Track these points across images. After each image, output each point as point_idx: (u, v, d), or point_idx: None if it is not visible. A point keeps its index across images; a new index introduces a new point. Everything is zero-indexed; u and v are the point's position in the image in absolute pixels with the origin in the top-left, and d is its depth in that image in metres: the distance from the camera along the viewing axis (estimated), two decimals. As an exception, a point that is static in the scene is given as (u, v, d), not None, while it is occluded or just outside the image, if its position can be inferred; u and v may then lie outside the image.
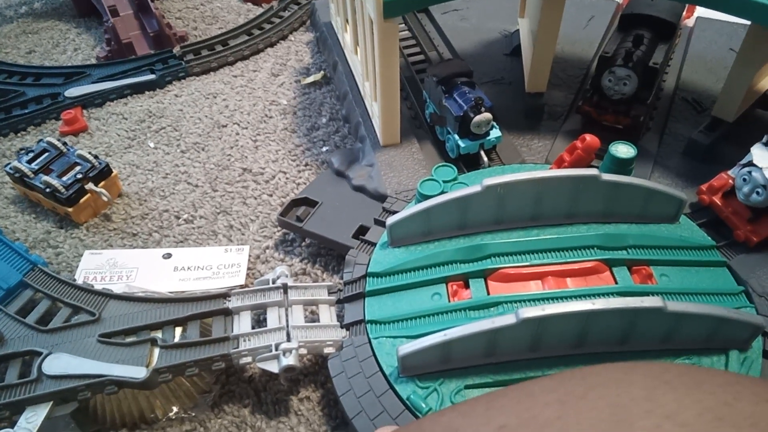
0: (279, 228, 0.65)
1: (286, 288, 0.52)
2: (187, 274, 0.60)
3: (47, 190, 0.65)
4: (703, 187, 0.56)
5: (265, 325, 0.50)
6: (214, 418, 0.50)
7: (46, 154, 0.69)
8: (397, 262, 0.52)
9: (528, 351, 0.44)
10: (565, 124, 0.72)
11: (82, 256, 0.62)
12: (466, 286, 0.50)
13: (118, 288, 0.55)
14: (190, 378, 0.49)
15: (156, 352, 0.48)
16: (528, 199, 0.52)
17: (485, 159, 0.63)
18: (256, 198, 0.69)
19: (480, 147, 0.63)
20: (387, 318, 0.49)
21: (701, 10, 0.88)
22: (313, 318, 0.54)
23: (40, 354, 0.47)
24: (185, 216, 0.68)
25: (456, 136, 0.62)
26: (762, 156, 0.51)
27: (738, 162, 0.53)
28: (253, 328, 0.50)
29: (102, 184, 0.68)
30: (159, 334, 0.49)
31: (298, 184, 0.71)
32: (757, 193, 0.50)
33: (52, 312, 0.53)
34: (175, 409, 0.50)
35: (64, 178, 0.66)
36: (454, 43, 0.82)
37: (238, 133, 0.79)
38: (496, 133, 0.63)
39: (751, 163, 0.51)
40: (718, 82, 0.73)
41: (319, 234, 0.59)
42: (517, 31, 0.85)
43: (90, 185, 0.66)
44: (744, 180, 0.51)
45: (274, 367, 0.47)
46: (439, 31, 0.84)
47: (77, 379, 0.45)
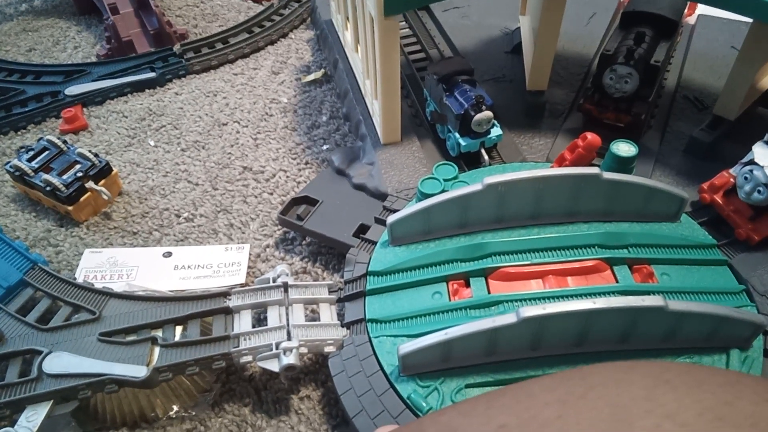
0: (279, 226, 0.65)
1: (286, 287, 0.52)
2: (188, 273, 0.60)
3: (47, 189, 0.65)
4: (705, 185, 0.56)
5: (266, 324, 0.50)
6: (214, 416, 0.50)
7: (47, 153, 0.69)
8: (398, 260, 0.52)
9: (529, 350, 0.44)
10: (566, 122, 0.71)
11: (82, 254, 0.62)
12: (467, 285, 0.50)
13: (118, 287, 0.55)
14: (191, 377, 0.49)
15: (156, 350, 0.48)
16: (529, 198, 0.52)
17: (486, 157, 0.63)
18: (256, 196, 0.69)
19: (481, 145, 0.63)
20: (387, 317, 0.48)
21: (703, 8, 0.87)
22: (313, 317, 0.54)
23: (41, 353, 0.47)
24: (185, 214, 0.68)
25: (457, 135, 0.62)
26: (763, 154, 0.50)
27: (739, 160, 0.53)
28: (253, 326, 0.50)
29: (102, 182, 0.68)
30: (159, 333, 0.49)
31: (299, 183, 0.71)
32: (759, 191, 0.50)
33: (52, 311, 0.53)
34: (175, 407, 0.50)
35: (65, 177, 0.66)
36: (455, 40, 0.81)
37: (238, 132, 0.79)
38: (496, 131, 0.63)
39: (752, 162, 0.51)
40: (720, 80, 0.73)
41: (320, 232, 0.59)
42: (518, 28, 0.85)
43: (90, 184, 0.66)
44: (745, 178, 0.51)
45: (274, 365, 0.47)
46: (440, 29, 0.84)
47: (77, 378, 0.46)
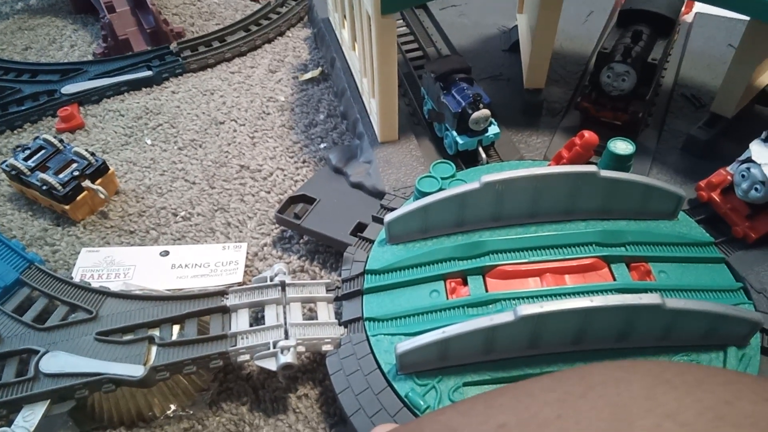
0: (277, 225, 0.65)
1: (284, 285, 0.52)
2: (185, 272, 0.60)
3: (44, 188, 0.65)
4: (702, 183, 0.56)
5: (263, 323, 0.50)
6: (212, 415, 0.49)
7: (43, 152, 0.69)
8: (396, 259, 0.52)
9: (526, 348, 0.44)
10: (564, 120, 0.71)
11: (79, 253, 0.62)
12: (465, 284, 0.50)
13: (115, 286, 0.54)
14: (188, 376, 0.49)
15: (153, 350, 0.47)
16: (526, 196, 0.52)
17: (483, 156, 0.63)
18: (253, 195, 0.69)
19: (478, 143, 0.63)
20: (385, 315, 0.48)
21: (700, 6, 0.88)
22: (311, 315, 0.54)
23: (37, 352, 0.47)
24: (183, 213, 0.67)
25: (454, 133, 0.62)
26: (761, 152, 0.51)
27: (737, 158, 0.53)
28: (251, 325, 0.50)
29: (99, 181, 0.67)
30: (156, 332, 0.49)
31: (296, 181, 0.71)
32: (756, 189, 0.50)
33: (49, 310, 0.53)
34: (173, 407, 0.49)
35: (61, 176, 0.66)
36: (452, 39, 0.81)
37: (235, 130, 0.79)
38: (494, 129, 0.63)
39: (749, 160, 0.51)
40: (717, 78, 0.73)
41: (317, 231, 0.59)
42: (516, 26, 0.85)
43: (87, 182, 0.66)
44: (743, 176, 0.51)
45: (272, 364, 0.47)
46: (437, 27, 0.84)
47: (75, 378, 0.45)
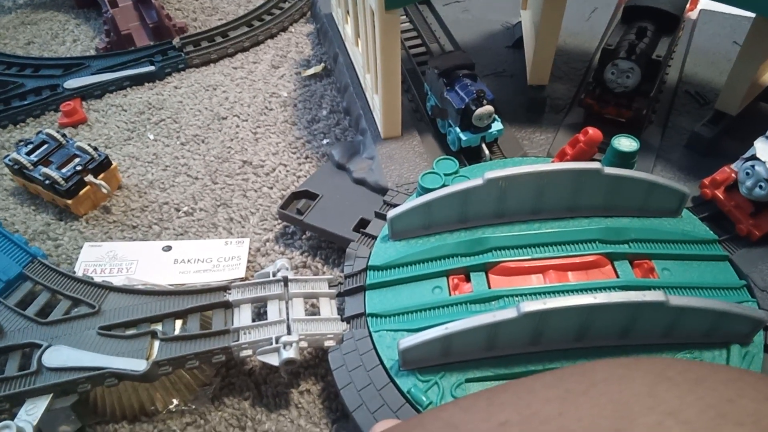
0: (279, 221, 0.65)
1: (286, 281, 0.52)
2: (187, 267, 0.60)
3: (46, 182, 0.65)
4: (706, 180, 0.55)
5: (266, 318, 0.50)
6: (214, 410, 0.50)
7: (45, 146, 0.69)
8: (398, 255, 0.52)
9: (529, 345, 0.44)
10: (568, 117, 0.71)
11: (81, 248, 0.62)
12: (467, 280, 0.50)
13: (117, 280, 0.54)
14: (191, 371, 0.49)
15: (156, 344, 0.48)
16: (530, 193, 0.52)
17: (487, 152, 0.63)
18: (256, 190, 0.69)
19: (481, 140, 0.63)
20: (388, 311, 0.48)
21: (705, 3, 0.87)
22: (313, 311, 0.54)
23: (40, 346, 0.47)
24: (185, 208, 0.67)
25: (457, 129, 0.62)
26: (765, 150, 0.50)
27: (741, 156, 0.53)
28: (253, 320, 0.50)
29: (101, 176, 0.68)
30: (159, 327, 0.49)
31: (299, 177, 0.71)
32: (760, 187, 0.50)
33: (51, 304, 0.53)
34: (175, 401, 0.50)
35: (64, 170, 0.66)
36: (456, 35, 0.81)
37: (238, 126, 0.79)
38: (497, 126, 0.63)
39: (754, 157, 0.51)
40: (722, 75, 0.73)
41: (320, 227, 0.59)
42: (519, 23, 0.85)
43: (89, 177, 0.66)
44: (747, 174, 0.51)
45: (274, 360, 0.47)
46: (441, 23, 0.84)
47: (77, 372, 0.45)
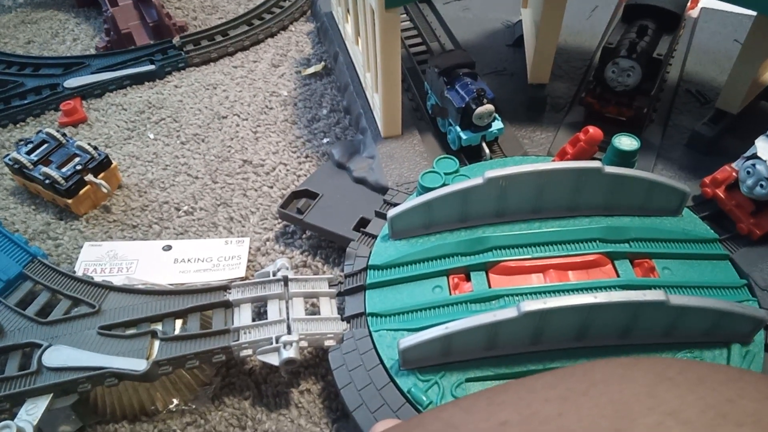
0: (279, 220, 0.65)
1: (286, 280, 0.52)
2: (188, 266, 0.60)
3: (46, 182, 0.65)
4: (707, 179, 0.55)
5: (266, 318, 0.50)
6: (214, 410, 0.50)
7: (45, 145, 0.69)
8: (398, 254, 0.52)
9: (529, 344, 0.44)
10: (568, 115, 0.71)
11: (81, 247, 0.62)
12: (468, 279, 0.50)
13: (118, 280, 0.54)
14: (191, 370, 0.49)
15: (156, 344, 0.48)
16: (530, 192, 0.51)
17: (487, 151, 0.63)
18: (256, 190, 0.69)
19: (482, 139, 0.63)
20: (388, 311, 0.48)
21: (706, 1, 0.87)
22: (313, 310, 0.54)
23: (40, 346, 0.47)
24: (185, 208, 0.67)
25: (458, 128, 0.62)
26: (766, 149, 0.50)
27: (742, 154, 0.53)
28: (253, 320, 0.50)
29: (101, 175, 0.67)
30: (159, 327, 0.49)
31: (299, 176, 0.71)
32: (761, 185, 0.50)
33: (51, 304, 0.53)
34: (175, 401, 0.50)
35: (64, 170, 0.66)
36: (456, 33, 0.81)
37: (238, 125, 0.79)
38: (498, 124, 0.62)
39: (755, 156, 0.50)
40: (723, 74, 0.73)
41: (320, 226, 0.59)
42: (520, 21, 0.84)
43: (89, 176, 0.66)
44: (748, 173, 0.51)
45: (274, 359, 0.47)
46: (441, 22, 0.84)
47: (77, 372, 0.45)
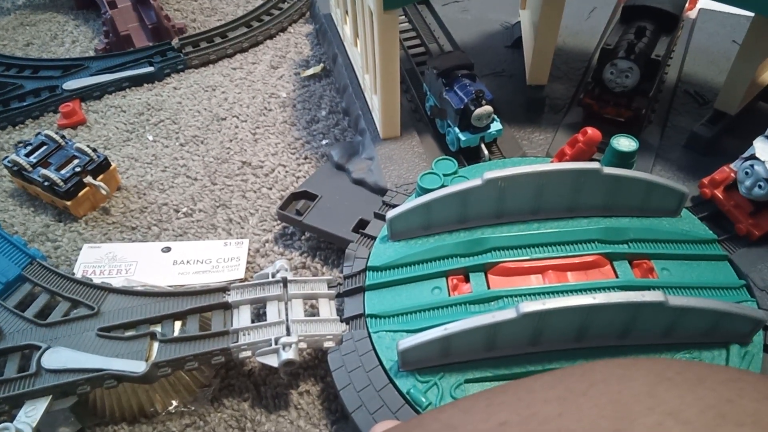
0: (278, 221, 0.65)
1: (285, 282, 0.52)
2: (187, 268, 0.60)
3: (45, 184, 0.65)
4: (705, 180, 0.55)
5: (265, 319, 0.50)
6: (213, 411, 0.50)
7: (44, 147, 0.69)
8: (397, 255, 0.52)
9: (528, 345, 0.44)
10: (567, 117, 0.71)
11: (80, 249, 0.62)
12: (467, 280, 0.50)
13: (117, 282, 0.54)
14: (190, 372, 0.49)
15: (155, 346, 0.48)
16: (529, 193, 0.51)
17: (486, 152, 0.63)
18: (255, 191, 0.69)
19: (480, 140, 0.63)
20: (387, 312, 0.48)
21: (704, 2, 0.87)
22: (312, 312, 0.54)
23: (39, 348, 0.47)
24: (184, 209, 0.67)
25: (456, 129, 0.62)
26: (764, 149, 0.50)
27: (740, 155, 0.53)
28: (252, 322, 0.50)
29: (100, 177, 0.67)
30: (158, 328, 0.49)
31: (298, 178, 0.71)
32: (760, 186, 0.50)
33: (51, 306, 0.53)
34: (174, 402, 0.50)
35: (63, 172, 0.66)
36: (455, 35, 0.81)
37: (237, 126, 0.79)
38: (496, 126, 0.63)
39: (753, 157, 0.51)
40: (721, 75, 0.73)
41: (319, 228, 0.59)
42: (518, 22, 0.85)
43: (88, 178, 0.66)
44: (746, 173, 0.51)
45: (273, 361, 0.47)
46: (440, 23, 0.84)
47: (76, 373, 0.45)
